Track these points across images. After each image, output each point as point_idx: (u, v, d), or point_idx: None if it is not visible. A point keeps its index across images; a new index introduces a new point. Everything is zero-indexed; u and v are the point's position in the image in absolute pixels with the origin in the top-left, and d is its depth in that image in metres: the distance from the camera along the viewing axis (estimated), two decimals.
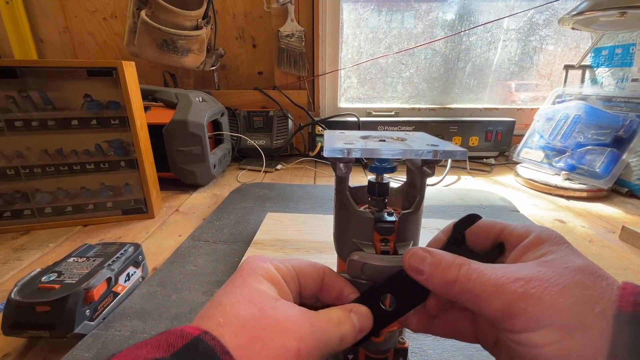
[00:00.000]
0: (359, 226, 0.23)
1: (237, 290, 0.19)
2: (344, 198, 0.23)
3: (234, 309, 0.18)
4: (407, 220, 0.24)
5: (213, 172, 0.83)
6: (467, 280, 0.18)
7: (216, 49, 1.04)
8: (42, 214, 0.61)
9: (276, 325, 0.17)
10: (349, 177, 0.23)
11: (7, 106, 0.55)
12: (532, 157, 0.94)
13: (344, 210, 0.24)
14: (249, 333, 0.17)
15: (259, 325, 0.17)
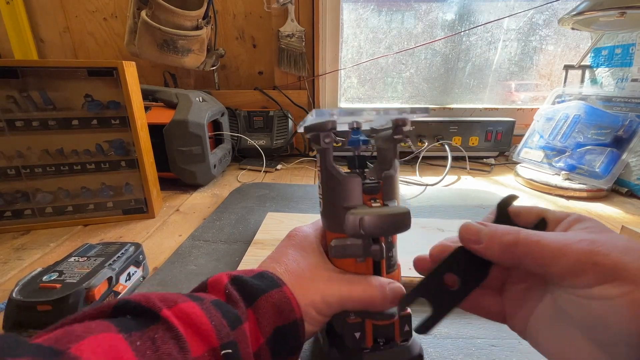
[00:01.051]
0: (348, 190, 0.25)
1: (292, 250, 0.28)
2: (331, 168, 0.25)
3: (288, 265, 0.27)
4: (388, 180, 0.26)
5: (213, 172, 0.83)
6: (529, 243, 0.19)
7: (216, 49, 1.04)
8: (43, 214, 0.61)
9: (311, 281, 0.26)
10: (331, 149, 0.25)
11: (8, 106, 0.55)
12: (532, 157, 0.94)
13: (332, 179, 0.25)
14: (300, 277, 0.26)
15: (300, 278, 0.26)
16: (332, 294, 0.25)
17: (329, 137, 0.25)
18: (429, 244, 0.26)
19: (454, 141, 1.05)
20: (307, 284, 0.25)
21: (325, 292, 0.25)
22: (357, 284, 0.25)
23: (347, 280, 0.26)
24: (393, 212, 0.24)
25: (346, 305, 0.25)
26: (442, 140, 1.02)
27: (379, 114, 0.25)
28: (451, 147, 0.99)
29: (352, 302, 0.25)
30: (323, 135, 0.24)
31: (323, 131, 0.24)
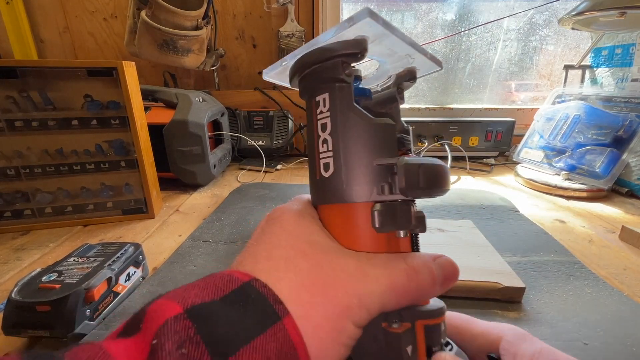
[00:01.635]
0: (385, 140, 0.18)
1: (286, 237, 0.18)
2: (356, 110, 0.18)
3: (289, 262, 0.16)
4: (410, 136, 0.21)
5: (213, 172, 0.83)
6: None
7: (216, 49, 1.04)
8: (43, 214, 0.61)
9: (336, 280, 0.16)
10: (352, 85, 0.18)
11: (8, 106, 0.55)
12: (532, 157, 0.94)
13: (357, 126, 0.18)
14: (307, 288, 0.16)
15: (318, 280, 0.16)
16: (372, 291, 0.16)
17: (349, 68, 0.18)
18: (429, 244, 0.26)
19: (454, 141, 1.05)
20: (328, 290, 0.16)
21: (361, 291, 0.16)
22: (396, 269, 0.17)
23: (383, 265, 0.17)
24: (439, 162, 0.18)
25: (388, 304, 0.17)
26: (442, 140, 1.02)
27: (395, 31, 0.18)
28: (451, 147, 0.98)
29: (397, 297, 0.17)
30: (344, 63, 0.18)
31: (346, 56, 0.17)
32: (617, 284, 0.46)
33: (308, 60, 0.19)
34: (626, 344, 0.35)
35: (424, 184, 0.17)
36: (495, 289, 0.41)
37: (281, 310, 0.15)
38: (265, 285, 0.15)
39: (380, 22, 0.17)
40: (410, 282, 0.17)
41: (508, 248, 0.53)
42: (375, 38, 0.19)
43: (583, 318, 0.39)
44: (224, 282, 0.15)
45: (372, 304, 0.16)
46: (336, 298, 0.16)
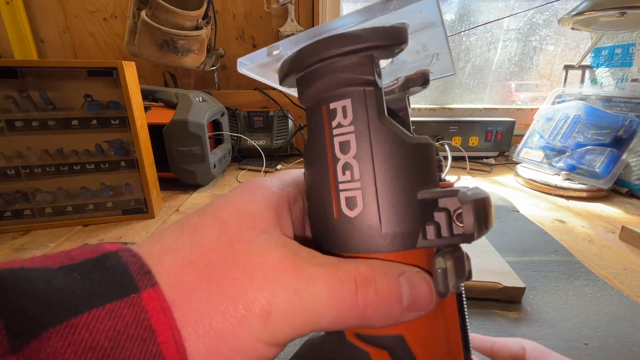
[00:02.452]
0: (424, 164, 0.14)
1: (207, 215, 0.14)
2: (392, 125, 0.13)
3: (193, 235, 0.13)
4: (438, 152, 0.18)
5: (213, 172, 0.83)
6: None
7: (216, 49, 1.04)
8: (43, 214, 0.61)
9: (246, 267, 0.12)
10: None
11: (8, 106, 0.55)
12: (532, 157, 0.94)
13: (395, 147, 0.13)
14: (200, 268, 0.12)
15: (221, 261, 0.12)
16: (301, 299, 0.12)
17: (380, 66, 0.14)
18: None
19: (454, 141, 1.05)
20: (231, 281, 0.12)
21: (281, 295, 0.12)
22: (343, 274, 0.13)
23: (327, 264, 0.13)
24: (486, 191, 0.14)
25: (323, 321, 0.12)
26: (442, 140, 1.02)
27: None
28: (451, 147, 0.98)
29: (337, 315, 0.12)
30: (376, 59, 0.13)
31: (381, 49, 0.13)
32: (617, 284, 0.46)
33: (320, 52, 0.13)
34: (626, 344, 0.35)
35: (487, 225, 0.13)
36: (495, 289, 0.41)
37: (144, 281, 0.11)
38: (136, 254, 0.12)
39: (438, 7, 0.12)
40: (359, 296, 0.12)
41: (508, 248, 0.53)
42: (418, 28, 0.14)
43: (583, 318, 0.39)
44: (85, 251, 0.12)
45: (296, 317, 0.12)
46: (235, 285, 0.12)
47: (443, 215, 0.13)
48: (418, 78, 0.18)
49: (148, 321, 0.10)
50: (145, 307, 0.11)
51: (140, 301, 0.11)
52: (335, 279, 0.12)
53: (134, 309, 0.10)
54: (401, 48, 0.13)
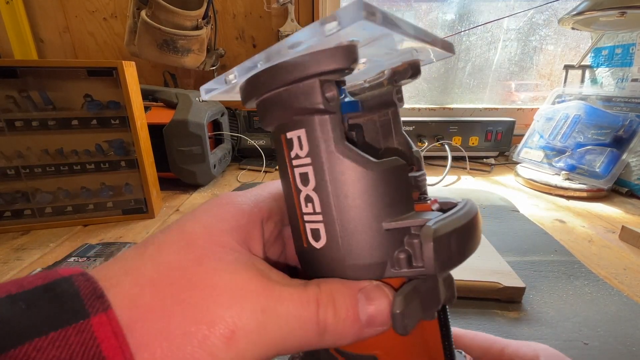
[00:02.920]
0: (391, 191, 0.13)
1: (173, 232, 0.13)
2: (350, 153, 0.13)
3: (156, 253, 0.12)
4: (420, 159, 0.16)
5: (213, 172, 0.83)
6: None
7: (216, 49, 1.04)
8: (43, 214, 0.61)
9: (213, 286, 0.12)
10: (340, 113, 0.13)
11: (8, 106, 0.55)
12: (532, 157, 0.94)
13: (355, 178, 0.12)
14: (162, 288, 0.11)
15: (186, 280, 0.12)
16: (246, 323, 0.11)
17: (333, 88, 0.12)
18: None
19: (454, 141, 1.05)
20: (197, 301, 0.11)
21: (228, 319, 0.11)
22: (303, 294, 0.13)
23: (287, 284, 0.13)
24: (472, 211, 0.14)
25: (284, 345, 0.12)
26: (442, 140, 1.02)
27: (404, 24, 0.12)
28: (451, 147, 0.98)
29: (299, 337, 0.12)
30: (324, 84, 0.12)
31: (327, 74, 0.12)
32: (617, 284, 0.46)
33: (267, 82, 0.13)
34: (626, 344, 0.35)
35: (460, 256, 0.13)
36: (495, 289, 0.41)
37: (96, 306, 0.10)
38: (90, 278, 0.11)
39: (379, 21, 0.11)
40: (319, 315, 0.12)
41: (508, 248, 0.53)
42: (370, 40, 0.13)
43: (583, 318, 0.39)
44: (36, 278, 0.11)
45: (262, 338, 0.11)
46: (200, 305, 0.11)
47: (414, 244, 0.13)
48: (405, 70, 0.16)
49: (97, 348, 0.10)
50: (94, 333, 0.10)
51: (89, 327, 0.10)
52: (302, 299, 0.12)
53: (82, 336, 0.10)
54: (350, 68, 0.12)
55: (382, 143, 0.17)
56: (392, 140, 0.17)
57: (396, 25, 0.11)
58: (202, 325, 0.11)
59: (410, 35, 0.12)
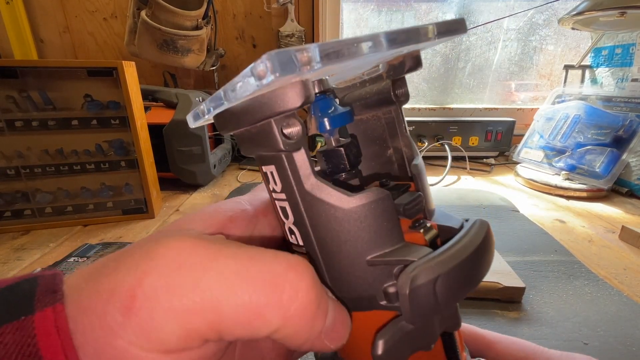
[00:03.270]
0: (372, 226, 0.12)
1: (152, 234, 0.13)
2: (321, 191, 0.12)
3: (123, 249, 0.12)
4: (420, 174, 0.14)
5: (213, 172, 0.83)
6: None
7: (216, 49, 1.04)
8: (43, 214, 0.61)
9: (139, 256, 0.10)
10: (307, 149, 0.12)
11: (8, 106, 0.55)
12: (532, 157, 0.94)
13: (329, 216, 0.12)
14: (98, 271, 0.11)
15: (119, 258, 0.11)
16: (151, 285, 0.10)
17: (295, 125, 0.11)
18: None
19: (454, 141, 1.05)
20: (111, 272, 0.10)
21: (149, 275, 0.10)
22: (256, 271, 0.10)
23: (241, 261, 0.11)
24: (477, 238, 0.12)
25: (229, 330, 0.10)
26: (442, 140, 1.02)
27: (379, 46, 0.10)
28: (451, 147, 0.98)
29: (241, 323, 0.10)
30: (280, 123, 0.11)
31: (278, 115, 0.11)
32: (617, 284, 0.46)
33: (230, 121, 0.12)
34: (626, 344, 0.35)
35: (449, 301, 0.11)
36: (495, 289, 0.41)
37: (45, 301, 0.10)
38: (58, 275, 0.11)
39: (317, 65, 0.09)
40: (284, 292, 0.10)
41: (508, 248, 0.53)
42: (326, 72, 0.12)
43: (583, 318, 0.39)
44: (18, 277, 0.11)
45: (156, 309, 0.09)
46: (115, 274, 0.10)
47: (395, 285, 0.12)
48: (401, 64, 0.14)
49: (34, 346, 0.09)
50: (34, 330, 0.09)
51: (30, 323, 0.09)
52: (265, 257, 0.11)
53: (19, 333, 0.09)
54: (305, 103, 0.11)
55: (389, 142, 0.16)
56: (398, 141, 0.16)
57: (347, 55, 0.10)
58: (103, 296, 0.10)
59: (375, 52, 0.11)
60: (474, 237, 0.12)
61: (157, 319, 0.09)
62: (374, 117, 0.16)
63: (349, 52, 0.10)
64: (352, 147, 0.14)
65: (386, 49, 0.10)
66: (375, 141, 0.16)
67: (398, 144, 0.15)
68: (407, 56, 0.14)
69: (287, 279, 0.10)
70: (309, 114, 0.14)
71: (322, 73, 0.12)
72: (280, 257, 0.11)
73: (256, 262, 0.10)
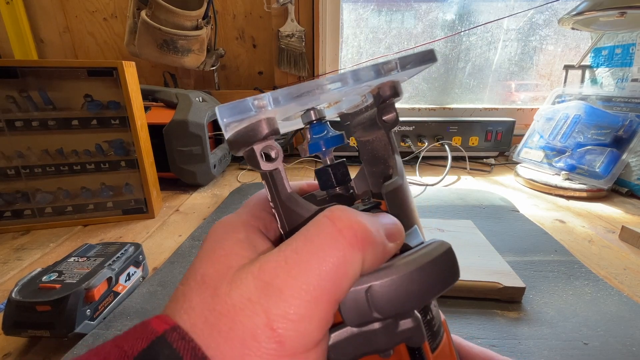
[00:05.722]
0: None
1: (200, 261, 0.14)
2: (290, 202, 0.14)
3: (192, 282, 0.13)
4: (395, 194, 0.15)
5: (213, 172, 0.83)
6: None
7: (216, 49, 1.04)
8: (43, 214, 0.61)
9: (230, 305, 0.12)
10: (282, 169, 0.15)
11: (8, 106, 0.55)
12: (532, 157, 0.94)
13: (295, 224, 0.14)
14: (210, 323, 0.12)
15: (216, 310, 0.12)
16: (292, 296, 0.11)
17: (272, 149, 0.14)
18: None
19: (453, 141, 1.05)
20: (226, 330, 0.12)
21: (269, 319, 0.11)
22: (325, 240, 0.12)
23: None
24: (425, 258, 0.13)
25: (342, 290, 0.12)
26: (442, 140, 1.02)
27: (344, 82, 0.14)
28: (451, 147, 0.98)
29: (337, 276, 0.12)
30: (260, 149, 0.14)
31: (256, 142, 0.14)
32: (617, 284, 0.46)
33: (232, 144, 0.15)
34: (626, 344, 0.35)
35: (384, 312, 0.12)
36: (495, 289, 0.41)
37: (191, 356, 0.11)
38: (185, 335, 0.11)
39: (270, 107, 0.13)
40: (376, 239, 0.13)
41: (508, 248, 0.53)
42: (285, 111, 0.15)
43: (583, 318, 0.39)
44: (133, 340, 0.11)
45: (295, 322, 0.11)
46: (236, 327, 0.11)
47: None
48: (377, 95, 0.16)
49: None
50: None
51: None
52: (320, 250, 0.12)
53: None
54: (269, 136, 0.14)
55: (389, 162, 0.18)
56: (384, 161, 0.18)
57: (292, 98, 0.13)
58: (248, 342, 0.11)
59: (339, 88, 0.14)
60: (424, 254, 0.13)
61: (301, 325, 0.11)
62: (377, 139, 0.18)
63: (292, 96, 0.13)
64: (340, 167, 0.16)
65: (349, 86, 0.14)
66: (379, 160, 0.18)
67: (394, 164, 0.17)
68: (381, 87, 0.16)
69: (339, 228, 0.12)
70: (306, 138, 0.16)
71: (282, 111, 0.15)
72: (321, 219, 0.13)
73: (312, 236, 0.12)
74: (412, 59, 0.15)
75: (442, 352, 0.15)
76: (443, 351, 0.15)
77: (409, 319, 0.14)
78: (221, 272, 0.13)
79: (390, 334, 0.13)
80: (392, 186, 0.15)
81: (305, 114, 0.16)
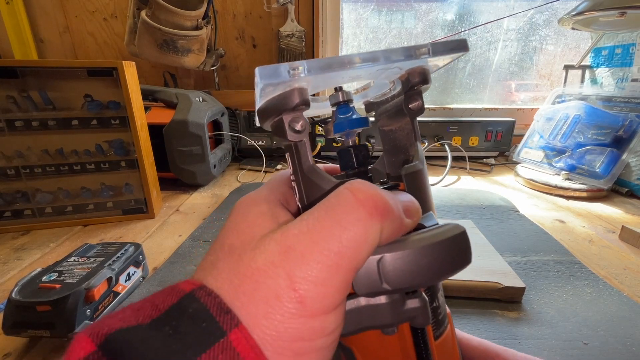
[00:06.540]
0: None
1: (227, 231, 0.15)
2: (312, 174, 0.15)
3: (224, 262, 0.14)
4: (415, 177, 0.15)
5: (213, 172, 0.83)
6: None
7: (216, 49, 1.04)
8: (43, 214, 0.61)
9: (255, 268, 0.12)
10: (307, 141, 0.15)
11: (8, 106, 0.55)
12: (532, 157, 0.94)
13: (316, 195, 0.15)
14: (235, 285, 0.12)
15: (240, 272, 0.13)
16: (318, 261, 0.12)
17: (299, 121, 0.14)
18: None
19: (454, 141, 1.05)
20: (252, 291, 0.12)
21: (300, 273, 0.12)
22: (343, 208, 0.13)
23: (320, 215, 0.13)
24: (438, 237, 0.13)
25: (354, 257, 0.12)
26: (442, 140, 1.02)
27: (376, 59, 0.14)
28: (451, 147, 0.99)
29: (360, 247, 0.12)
30: (288, 120, 0.14)
31: (286, 111, 0.14)
32: (617, 284, 0.46)
33: (262, 114, 0.16)
34: (626, 344, 0.35)
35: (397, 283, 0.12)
36: (495, 289, 0.41)
37: (228, 321, 0.11)
38: (211, 292, 0.12)
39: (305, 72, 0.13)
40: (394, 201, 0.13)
41: (508, 248, 0.53)
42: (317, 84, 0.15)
43: (583, 318, 0.39)
44: (164, 297, 0.13)
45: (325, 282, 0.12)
46: (261, 288, 0.12)
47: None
48: (406, 80, 0.16)
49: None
50: (235, 349, 0.11)
51: (230, 344, 0.11)
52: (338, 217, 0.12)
53: (227, 353, 0.11)
54: (299, 106, 0.14)
55: (410, 151, 0.18)
56: (406, 149, 0.18)
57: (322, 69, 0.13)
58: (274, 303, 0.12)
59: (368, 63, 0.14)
60: (438, 234, 0.13)
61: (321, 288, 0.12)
62: (399, 128, 0.19)
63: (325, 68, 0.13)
64: (362, 149, 0.17)
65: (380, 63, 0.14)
66: (400, 150, 0.19)
67: (415, 152, 0.17)
68: (411, 72, 0.16)
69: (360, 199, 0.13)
70: (332, 118, 0.17)
71: (313, 85, 0.15)
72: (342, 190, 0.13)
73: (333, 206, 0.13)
74: (445, 45, 0.15)
75: (445, 342, 0.16)
76: (445, 341, 0.16)
77: (416, 299, 0.14)
78: (245, 242, 0.14)
79: (396, 311, 0.14)
80: (412, 169, 0.16)
81: (334, 95, 0.17)
